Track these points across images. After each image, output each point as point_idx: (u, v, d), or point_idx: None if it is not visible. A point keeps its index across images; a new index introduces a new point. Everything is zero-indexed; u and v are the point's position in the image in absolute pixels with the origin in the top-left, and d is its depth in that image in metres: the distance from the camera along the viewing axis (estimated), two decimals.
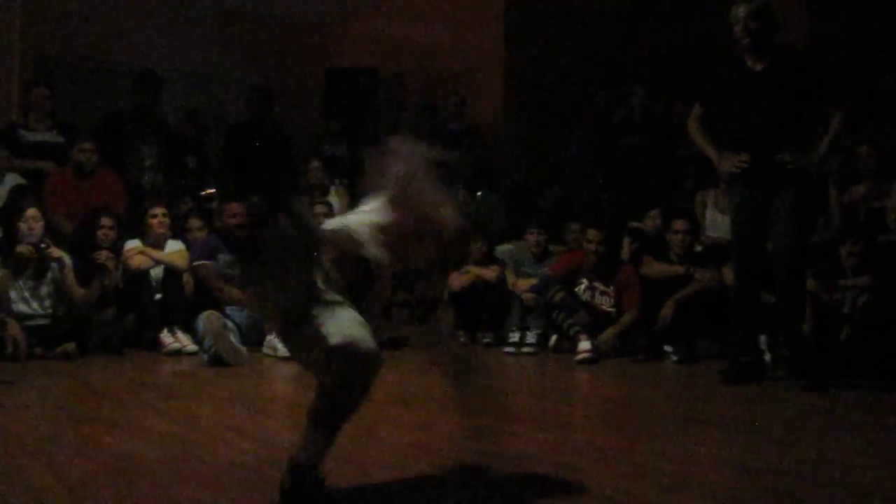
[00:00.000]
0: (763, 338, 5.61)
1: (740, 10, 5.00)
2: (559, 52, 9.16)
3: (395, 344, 6.55)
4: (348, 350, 2.29)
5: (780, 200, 4.95)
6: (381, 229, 2.62)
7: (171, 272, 6.45)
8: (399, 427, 3.77)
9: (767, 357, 5.59)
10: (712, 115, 5.27)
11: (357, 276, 2.55)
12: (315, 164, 8.08)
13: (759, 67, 5.04)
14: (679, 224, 6.50)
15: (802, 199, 4.97)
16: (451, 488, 2.71)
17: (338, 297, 2.43)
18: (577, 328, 6.22)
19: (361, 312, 2.46)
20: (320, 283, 2.42)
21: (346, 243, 2.53)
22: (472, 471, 2.93)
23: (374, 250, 2.54)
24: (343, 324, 2.34)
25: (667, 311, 6.22)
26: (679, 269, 6.40)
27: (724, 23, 5.16)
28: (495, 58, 9.34)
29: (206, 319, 5.61)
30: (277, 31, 10.56)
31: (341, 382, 2.35)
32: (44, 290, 5.97)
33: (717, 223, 6.85)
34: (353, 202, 8.15)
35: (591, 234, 6.57)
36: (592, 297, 6.57)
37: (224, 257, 6.58)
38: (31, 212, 5.92)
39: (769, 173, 4.93)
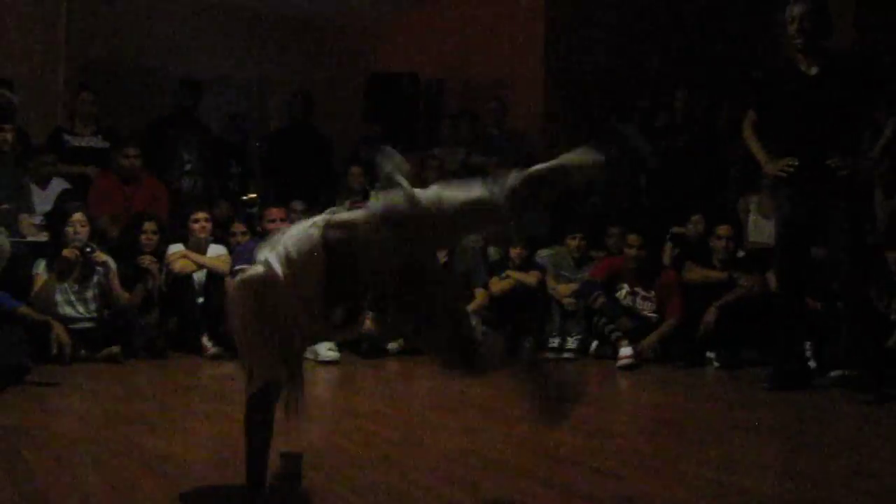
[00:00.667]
0: (808, 344, 5.55)
1: (796, 9, 4.90)
2: (600, 57, 9.11)
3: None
4: None
5: (834, 208, 4.87)
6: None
7: (214, 277, 6.50)
8: (443, 432, 3.77)
9: (812, 364, 5.52)
10: (766, 119, 5.20)
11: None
12: (355, 169, 8.10)
13: (813, 71, 4.96)
14: (723, 230, 6.43)
15: (858, 205, 4.89)
16: (493, 493, 2.70)
17: None
18: (618, 334, 6.17)
19: None
20: None
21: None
22: (515, 476, 2.92)
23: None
24: None
25: (709, 317, 6.16)
26: (722, 275, 6.34)
27: (767, 25, 5.10)
28: (536, 63, 9.31)
29: None
30: (319, 36, 10.61)
31: None
32: (89, 293, 6.03)
33: (760, 228, 6.77)
34: None
35: (632, 238, 6.52)
36: (634, 302, 6.52)
37: None
38: (78, 216, 6.00)
39: (819, 179, 4.86)
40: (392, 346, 6.30)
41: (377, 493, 2.66)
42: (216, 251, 6.69)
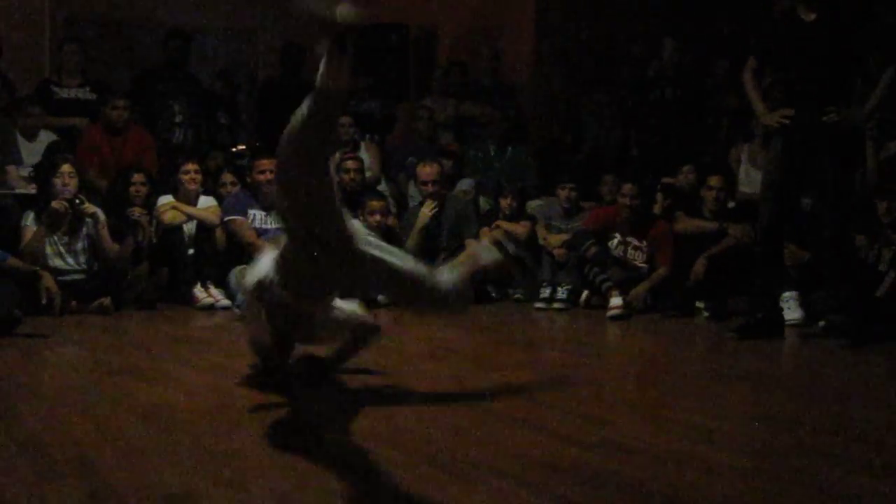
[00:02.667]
0: (795, 294, 5.57)
1: None
2: (591, 6, 9.04)
3: None
4: None
5: (822, 157, 4.87)
6: None
7: (204, 228, 6.49)
8: (431, 380, 3.79)
9: (800, 313, 5.55)
10: (765, 67, 5.17)
11: None
12: (345, 120, 8.06)
13: (811, 17, 4.93)
14: (714, 180, 6.42)
15: (845, 155, 4.88)
16: (480, 438, 2.72)
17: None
18: (609, 284, 6.19)
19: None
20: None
21: None
22: (502, 422, 2.94)
23: None
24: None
25: (699, 267, 6.18)
26: (712, 225, 6.35)
27: None
28: (527, 13, 9.24)
29: (239, 274, 5.64)
30: None
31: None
32: (79, 245, 6.02)
33: (751, 178, 6.77)
34: (382, 157, 8.16)
35: (627, 187, 6.51)
36: (625, 252, 6.54)
37: (254, 212, 6.61)
38: (66, 168, 5.96)
39: (811, 128, 4.85)
40: (382, 296, 6.31)
41: (364, 437, 2.68)
42: (206, 202, 6.67)
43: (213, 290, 6.19)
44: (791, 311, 5.51)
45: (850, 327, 4.89)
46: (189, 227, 6.51)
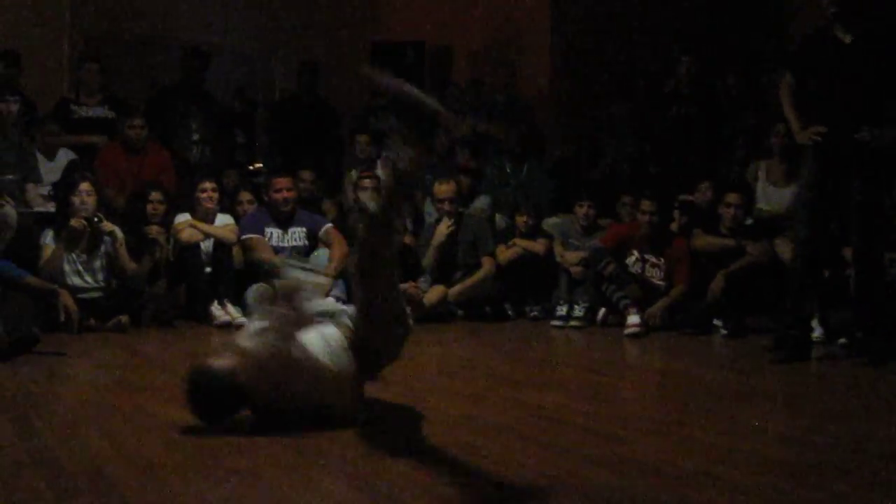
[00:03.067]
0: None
1: None
2: (606, 23, 9.05)
3: (441, 316, 6.60)
4: None
5: (857, 180, 4.84)
6: None
7: (221, 245, 6.51)
8: (448, 397, 3.78)
9: (820, 332, 5.51)
10: (801, 85, 5.13)
11: None
12: (362, 137, 8.10)
13: (848, 39, 4.90)
14: (732, 197, 6.40)
15: (877, 174, 4.85)
16: (496, 457, 2.71)
17: None
18: (626, 301, 6.17)
19: None
20: None
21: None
22: (519, 440, 2.93)
23: None
24: None
25: (717, 284, 6.16)
26: (730, 243, 6.33)
27: None
28: (542, 30, 9.27)
29: (256, 292, 5.65)
30: (323, 4, 10.55)
31: None
32: (97, 263, 6.05)
33: (768, 195, 6.75)
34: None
35: (646, 204, 6.50)
36: (643, 269, 6.52)
37: (271, 231, 6.63)
38: (85, 186, 5.99)
39: (845, 148, 4.83)
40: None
41: (378, 454, 2.67)
42: (223, 220, 6.69)
43: (230, 308, 6.20)
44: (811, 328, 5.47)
45: (870, 345, 4.85)
46: (206, 246, 6.54)
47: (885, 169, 5.02)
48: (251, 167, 8.52)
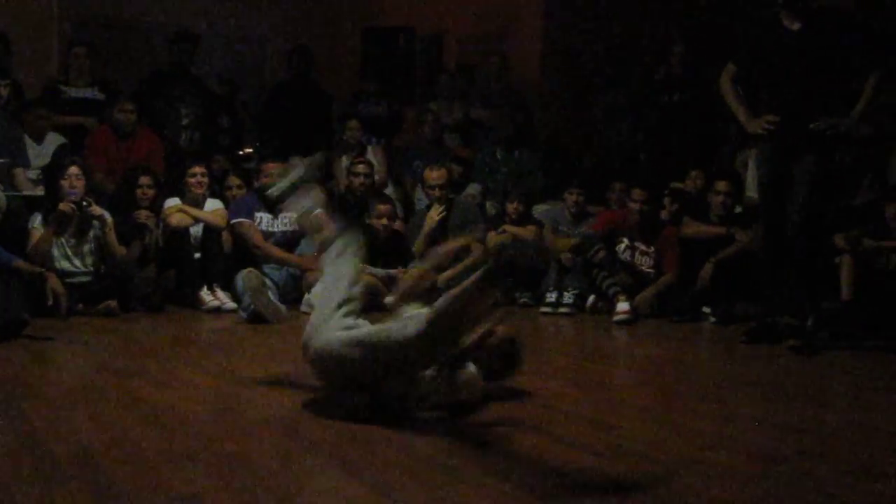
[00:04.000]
0: None
1: None
2: (599, 10, 9.04)
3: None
4: None
5: (801, 165, 4.87)
6: None
7: (210, 230, 6.49)
8: None
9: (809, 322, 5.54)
10: (746, 74, 5.16)
11: None
12: (353, 123, 8.08)
13: (795, 27, 4.92)
14: (722, 185, 6.42)
15: (822, 164, 4.87)
16: (490, 443, 2.72)
17: None
18: (616, 289, 6.18)
19: None
20: None
21: None
22: (512, 427, 2.94)
23: None
24: None
25: (706, 272, 6.18)
26: (719, 230, 6.34)
27: None
28: (534, 16, 9.24)
29: (245, 277, 5.64)
30: None
31: None
32: (85, 247, 6.02)
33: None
34: (389, 161, 8.17)
35: (637, 192, 6.51)
36: (632, 256, 6.53)
37: (261, 215, 6.62)
38: (73, 169, 5.97)
39: (798, 137, 4.85)
40: (389, 299, 6.30)
41: (369, 440, 2.68)
42: (213, 205, 6.68)
43: (220, 293, 6.19)
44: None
45: (797, 331, 4.93)
46: (196, 230, 6.52)
47: (832, 156, 5.02)
48: (241, 152, 8.49)
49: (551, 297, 6.46)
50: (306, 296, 6.04)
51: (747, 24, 5.35)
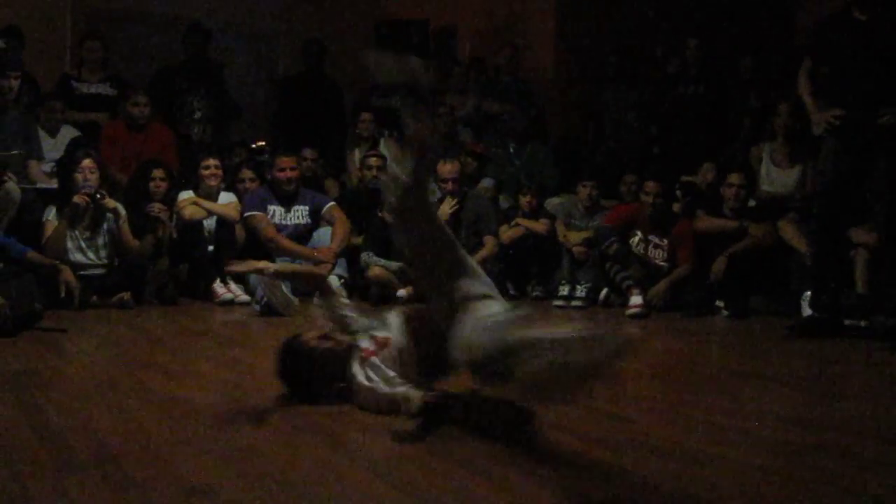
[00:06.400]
0: (806, 294, 5.51)
1: None
2: (612, 3, 9.01)
3: None
4: None
5: (881, 164, 4.81)
6: None
7: (224, 223, 6.51)
8: (451, 379, 3.77)
9: (809, 312, 5.50)
10: (820, 67, 5.10)
11: None
12: (365, 115, 8.08)
13: (864, 17, 4.87)
14: (734, 178, 6.40)
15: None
16: (504, 436, 2.71)
17: None
18: (629, 282, 6.17)
19: None
20: None
21: None
22: (524, 418, 2.93)
23: None
24: None
25: (719, 265, 6.16)
26: (733, 224, 6.32)
27: None
28: (548, 9, 9.22)
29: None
30: None
31: None
32: (99, 240, 6.05)
33: (772, 177, 6.73)
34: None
35: (650, 185, 6.51)
36: (646, 250, 6.52)
37: (274, 208, 6.62)
38: (87, 162, 5.99)
39: (868, 132, 4.79)
40: (401, 292, 6.31)
41: (381, 433, 2.67)
42: (226, 198, 6.69)
43: (233, 286, 6.21)
44: (804, 309, 5.46)
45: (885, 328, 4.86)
46: (209, 223, 6.54)
47: None
48: (254, 145, 8.51)
49: (564, 290, 6.45)
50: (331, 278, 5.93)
51: (822, 17, 5.28)
